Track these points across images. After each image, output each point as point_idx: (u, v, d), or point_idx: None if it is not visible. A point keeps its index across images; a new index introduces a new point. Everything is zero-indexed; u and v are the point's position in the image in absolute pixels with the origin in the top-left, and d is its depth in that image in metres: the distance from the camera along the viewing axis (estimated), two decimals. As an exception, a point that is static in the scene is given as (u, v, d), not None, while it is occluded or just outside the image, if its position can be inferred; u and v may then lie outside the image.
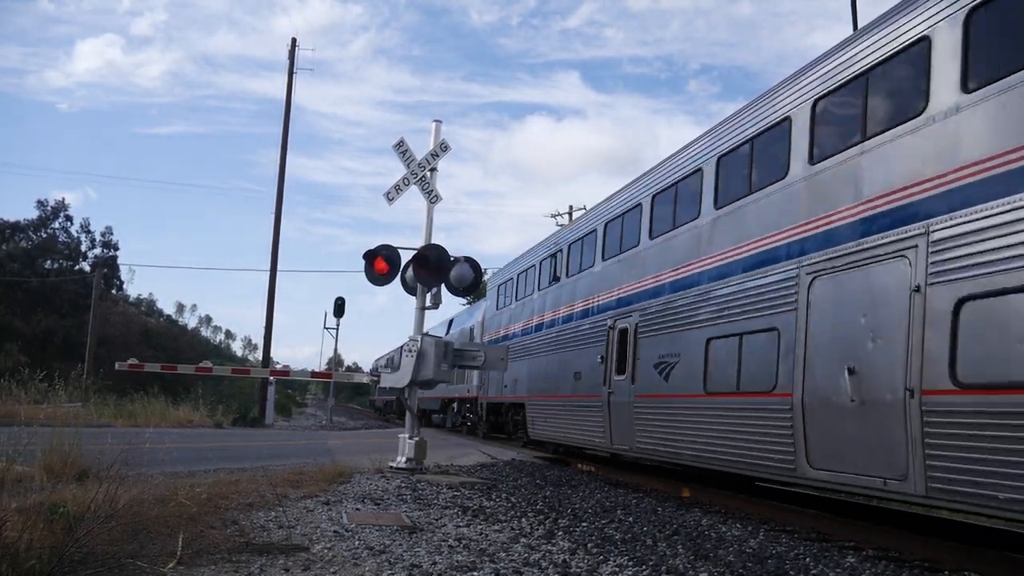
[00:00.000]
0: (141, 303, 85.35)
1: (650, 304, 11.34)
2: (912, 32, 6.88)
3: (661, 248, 11.26)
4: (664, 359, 10.70)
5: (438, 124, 11.89)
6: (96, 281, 37.32)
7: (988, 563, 6.01)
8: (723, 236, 9.58)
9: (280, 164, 28.55)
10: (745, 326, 8.87)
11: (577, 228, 15.56)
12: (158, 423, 17.87)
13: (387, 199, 11.79)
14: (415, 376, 10.84)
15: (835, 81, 7.87)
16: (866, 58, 7.45)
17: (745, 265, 9.01)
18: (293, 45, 28.74)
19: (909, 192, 6.69)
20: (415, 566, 4.90)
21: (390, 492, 8.49)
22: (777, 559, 6.12)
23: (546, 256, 16.89)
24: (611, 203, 13.58)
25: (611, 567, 5.34)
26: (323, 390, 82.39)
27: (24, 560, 3.82)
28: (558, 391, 14.87)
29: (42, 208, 49.27)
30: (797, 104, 8.42)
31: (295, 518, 6.40)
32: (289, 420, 37.25)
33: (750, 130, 9.36)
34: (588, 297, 13.87)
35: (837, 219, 7.57)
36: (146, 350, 42.75)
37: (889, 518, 8.70)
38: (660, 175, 11.73)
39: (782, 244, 8.40)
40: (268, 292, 27.92)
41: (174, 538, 4.92)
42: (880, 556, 6.46)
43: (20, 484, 6.26)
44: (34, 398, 12.05)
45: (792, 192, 8.34)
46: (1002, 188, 5.79)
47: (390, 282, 11.61)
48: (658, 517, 8.06)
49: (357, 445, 16.44)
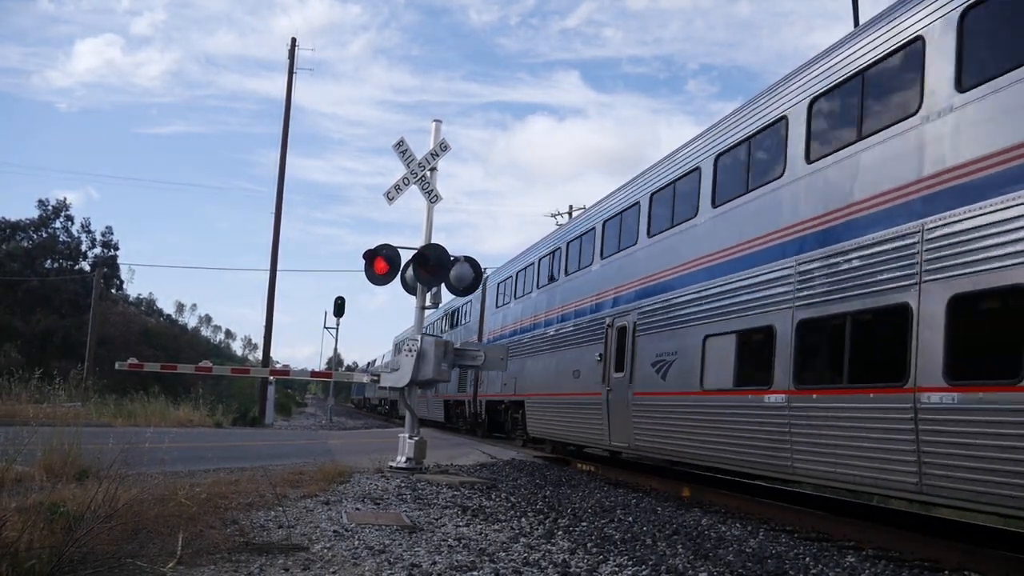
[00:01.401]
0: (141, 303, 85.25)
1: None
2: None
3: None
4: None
5: (438, 124, 11.89)
6: (96, 281, 37.32)
7: (988, 563, 6.01)
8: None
9: (280, 164, 28.55)
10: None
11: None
12: (158, 423, 17.86)
13: (387, 199, 11.79)
14: (415, 376, 10.84)
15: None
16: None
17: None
18: (293, 45, 28.74)
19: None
20: (415, 566, 4.90)
21: (390, 492, 8.49)
22: (777, 559, 6.12)
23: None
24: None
25: (611, 567, 5.34)
26: (323, 390, 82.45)
27: (24, 560, 3.82)
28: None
29: (43, 208, 49.29)
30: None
31: (295, 518, 6.40)
32: (289, 420, 37.27)
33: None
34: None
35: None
36: (146, 350, 42.72)
37: (889, 518, 8.70)
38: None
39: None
40: (268, 292, 27.92)
41: (174, 538, 4.92)
42: (880, 556, 6.46)
43: (20, 484, 6.27)
44: (33, 398, 12.06)
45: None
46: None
47: (390, 282, 11.61)
48: (658, 517, 8.06)
49: (357, 445, 16.44)
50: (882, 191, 6.99)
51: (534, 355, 16.60)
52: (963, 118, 6.23)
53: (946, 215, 6.26)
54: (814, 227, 7.88)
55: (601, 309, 13.07)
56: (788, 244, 8.24)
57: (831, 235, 7.60)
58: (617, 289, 12.55)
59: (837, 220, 7.57)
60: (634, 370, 11.50)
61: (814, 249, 7.82)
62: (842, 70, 7.76)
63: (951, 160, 6.28)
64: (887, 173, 6.97)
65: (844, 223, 7.45)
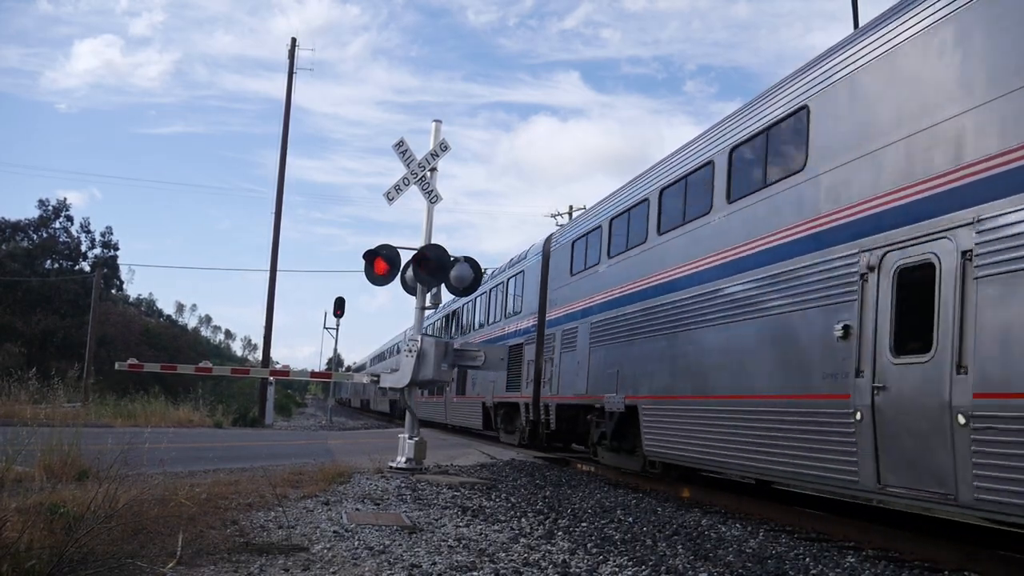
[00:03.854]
0: (141, 303, 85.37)
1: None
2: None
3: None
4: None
5: (438, 124, 11.90)
6: (96, 281, 37.32)
7: (988, 563, 6.00)
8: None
9: (280, 164, 28.57)
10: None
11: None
12: (158, 423, 17.87)
13: (387, 199, 11.80)
14: (415, 376, 10.85)
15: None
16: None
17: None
18: (293, 45, 28.74)
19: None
20: (415, 566, 4.90)
21: (390, 492, 8.49)
22: (777, 559, 6.12)
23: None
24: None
25: (611, 567, 5.34)
26: (323, 390, 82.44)
27: (24, 560, 3.82)
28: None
29: (43, 208, 49.34)
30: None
31: (295, 518, 6.40)
32: (289, 420, 37.28)
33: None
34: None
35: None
36: (146, 350, 42.76)
37: (889, 518, 8.70)
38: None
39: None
40: (268, 292, 27.93)
41: (174, 538, 4.92)
42: (880, 556, 6.46)
43: (20, 484, 6.27)
44: (32, 398, 12.06)
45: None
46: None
47: (390, 282, 11.62)
48: (658, 517, 8.06)
49: (357, 445, 16.42)
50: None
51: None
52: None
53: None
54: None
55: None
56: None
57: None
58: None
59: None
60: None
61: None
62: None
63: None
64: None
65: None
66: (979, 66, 6.02)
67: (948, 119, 6.17)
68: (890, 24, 6.99)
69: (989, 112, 5.87)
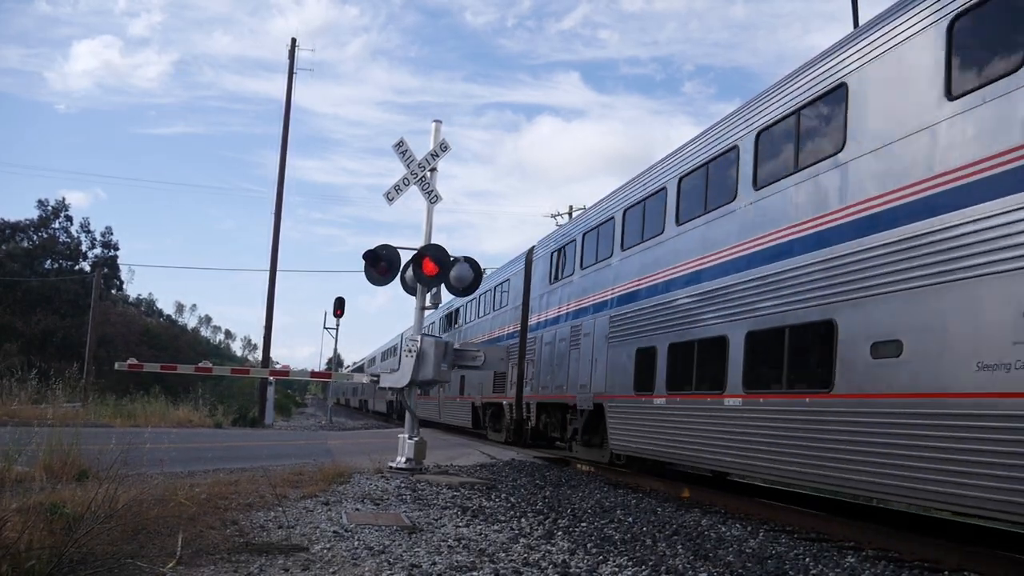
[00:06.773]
0: (141, 303, 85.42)
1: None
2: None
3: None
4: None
5: (438, 124, 11.89)
6: (96, 281, 37.31)
7: (988, 563, 6.00)
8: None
9: (280, 164, 28.55)
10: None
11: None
12: (158, 423, 17.88)
13: (387, 199, 11.79)
14: (415, 376, 10.84)
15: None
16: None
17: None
18: (293, 45, 28.74)
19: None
20: (414, 566, 4.89)
21: (390, 492, 8.49)
22: (777, 559, 6.12)
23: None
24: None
25: (611, 567, 5.34)
26: (323, 390, 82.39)
27: (24, 560, 3.82)
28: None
29: (42, 208, 49.37)
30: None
31: (294, 518, 6.40)
32: (289, 420, 37.26)
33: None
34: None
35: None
36: (146, 350, 42.81)
37: (889, 518, 8.70)
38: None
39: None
40: (268, 292, 27.92)
41: (174, 538, 4.92)
42: (880, 556, 6.46)
43: (20, 484, 6.26)
44: (32, 398, 12.07)
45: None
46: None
47: (390, 282, 11.63)
48: (658, 517, 8.06)
49: (357, 445, 16.42)
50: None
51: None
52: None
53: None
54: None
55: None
56: None
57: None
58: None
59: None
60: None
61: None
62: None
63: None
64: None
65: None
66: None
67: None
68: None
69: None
